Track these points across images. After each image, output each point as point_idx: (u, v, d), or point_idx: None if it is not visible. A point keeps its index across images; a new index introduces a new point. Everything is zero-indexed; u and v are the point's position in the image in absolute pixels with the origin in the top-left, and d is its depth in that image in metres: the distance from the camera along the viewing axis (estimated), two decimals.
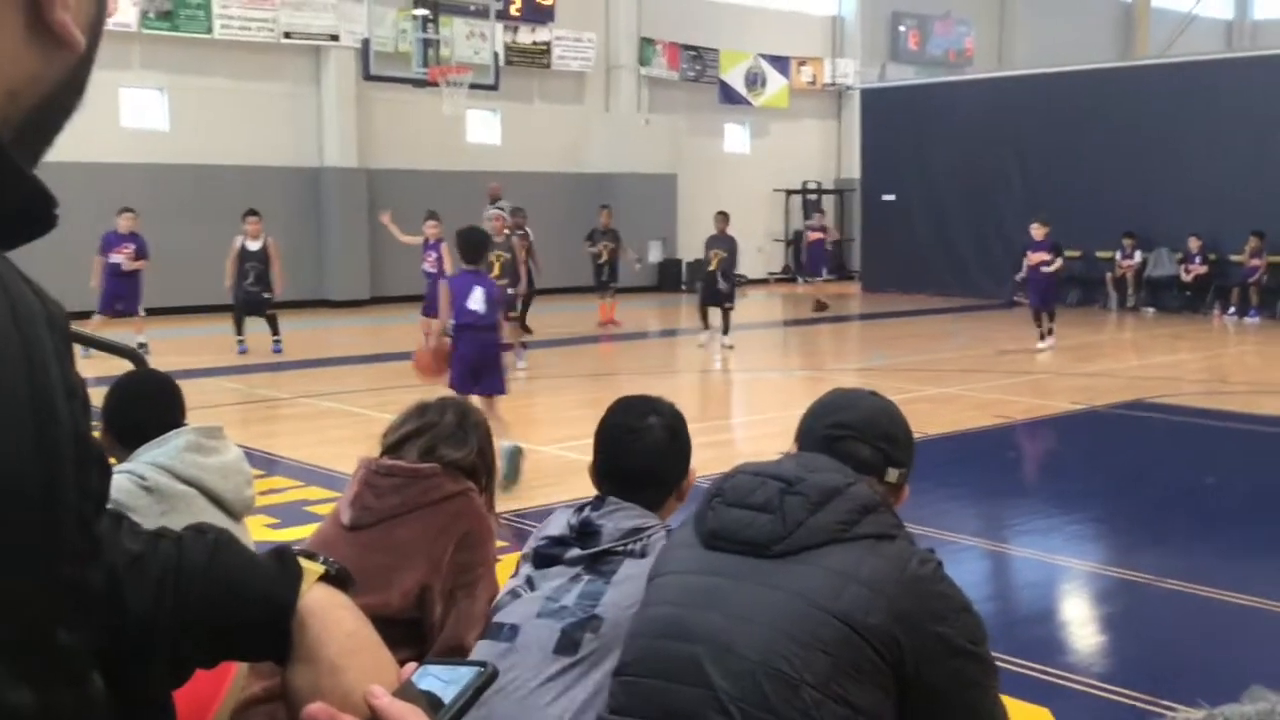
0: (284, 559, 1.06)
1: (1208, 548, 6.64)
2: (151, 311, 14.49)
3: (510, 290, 12.86)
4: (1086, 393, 11.54)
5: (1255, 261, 18.45)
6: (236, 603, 1.03)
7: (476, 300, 7.82)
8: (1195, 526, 7.11)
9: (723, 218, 15.21)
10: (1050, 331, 14.67)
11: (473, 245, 8.18)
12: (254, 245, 13.99)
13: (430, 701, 0.94)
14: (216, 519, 2.86)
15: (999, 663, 2.15)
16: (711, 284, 14.88)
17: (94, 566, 0.71)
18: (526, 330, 16.04)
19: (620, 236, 17.67)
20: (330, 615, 1.02)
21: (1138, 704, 4.40)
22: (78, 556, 0.66)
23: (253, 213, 14.20)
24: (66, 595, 0.66)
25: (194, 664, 1.07)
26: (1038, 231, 14.94)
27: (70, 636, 0.66)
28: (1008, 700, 2.16)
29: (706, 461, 2.89)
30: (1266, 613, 5.43)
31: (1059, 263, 14.99)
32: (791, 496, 2.06)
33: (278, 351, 13.98)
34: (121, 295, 13.75)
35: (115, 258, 13.72)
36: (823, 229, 20.05)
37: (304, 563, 1.05)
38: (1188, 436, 10.04)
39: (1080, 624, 5.70)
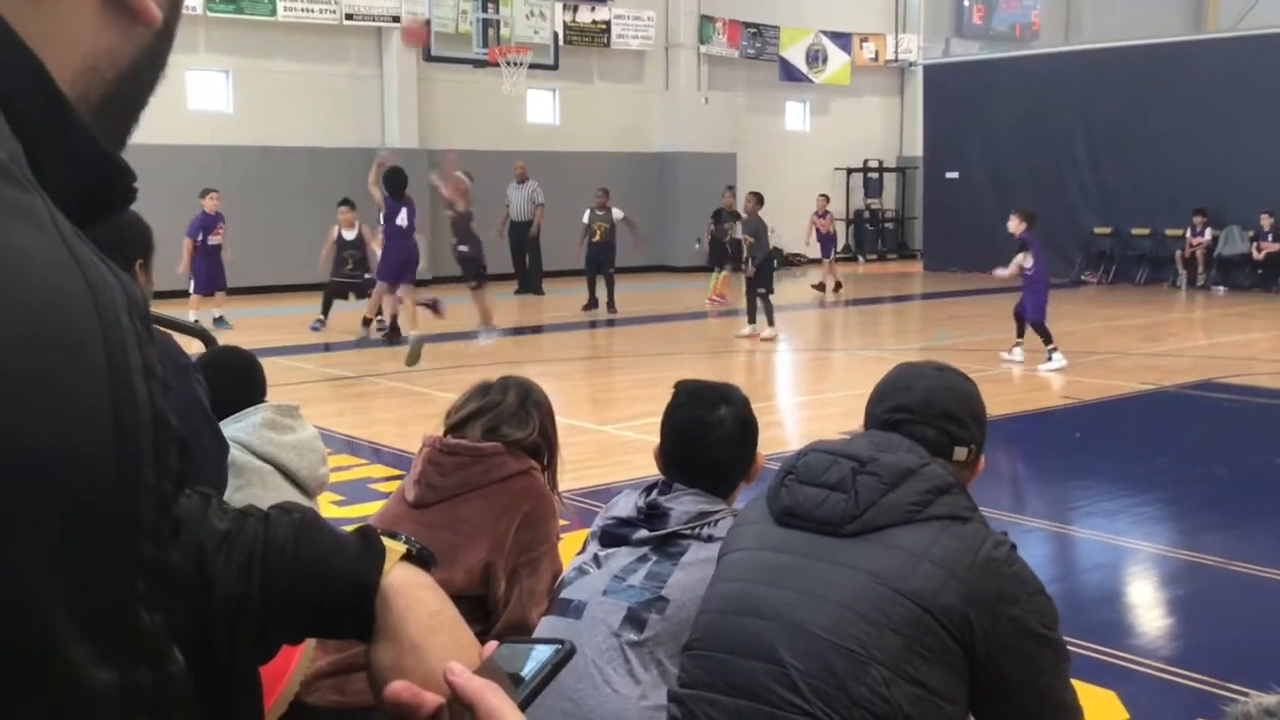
0: (368, 538, 1.07)
1: (1278, 531, 6.52)
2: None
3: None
4: (1155, 373, 11.35)
5: None
6: (322, 582, 1.05)
7: (402, 218, 11.87)
8: (1266, 509, 6.97)
9: (752, 198, 14.39)
10: (1020, 345, 11.87)
11: (395, 183, 12.14)
12: (349, 234, 14.02)
13: (510, 678, 0.96)
14: (291, 495, 2.90)
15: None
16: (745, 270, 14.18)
17: (174, 546, 0.71)
18: (612, 310, 16.15)
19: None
20: (413, 594, 1.03)
21: (1207, 688, 4.34)
22: (157, 536, 0.66)
23: (345, 202, 14.18)
24: (146, 575, 0.65)
25: (280, 640, 1.10)
26: (1014, 224, 11.81)
27: (150, 616, 0.66)
28: (1074, 683, 2.14)
29: (769, 441, 2.88)
30: None
31: (1011, 269, 11.84)
32: (864, 476, 2.06)
33: (383, 330, 13.84)
34: (217, 274, 14.21)
35: (214, 239, 14.02)
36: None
37: (387, 542, 1.06)
38: (1259, 418, 9.84)
39: (1148, 607, 5.63)
